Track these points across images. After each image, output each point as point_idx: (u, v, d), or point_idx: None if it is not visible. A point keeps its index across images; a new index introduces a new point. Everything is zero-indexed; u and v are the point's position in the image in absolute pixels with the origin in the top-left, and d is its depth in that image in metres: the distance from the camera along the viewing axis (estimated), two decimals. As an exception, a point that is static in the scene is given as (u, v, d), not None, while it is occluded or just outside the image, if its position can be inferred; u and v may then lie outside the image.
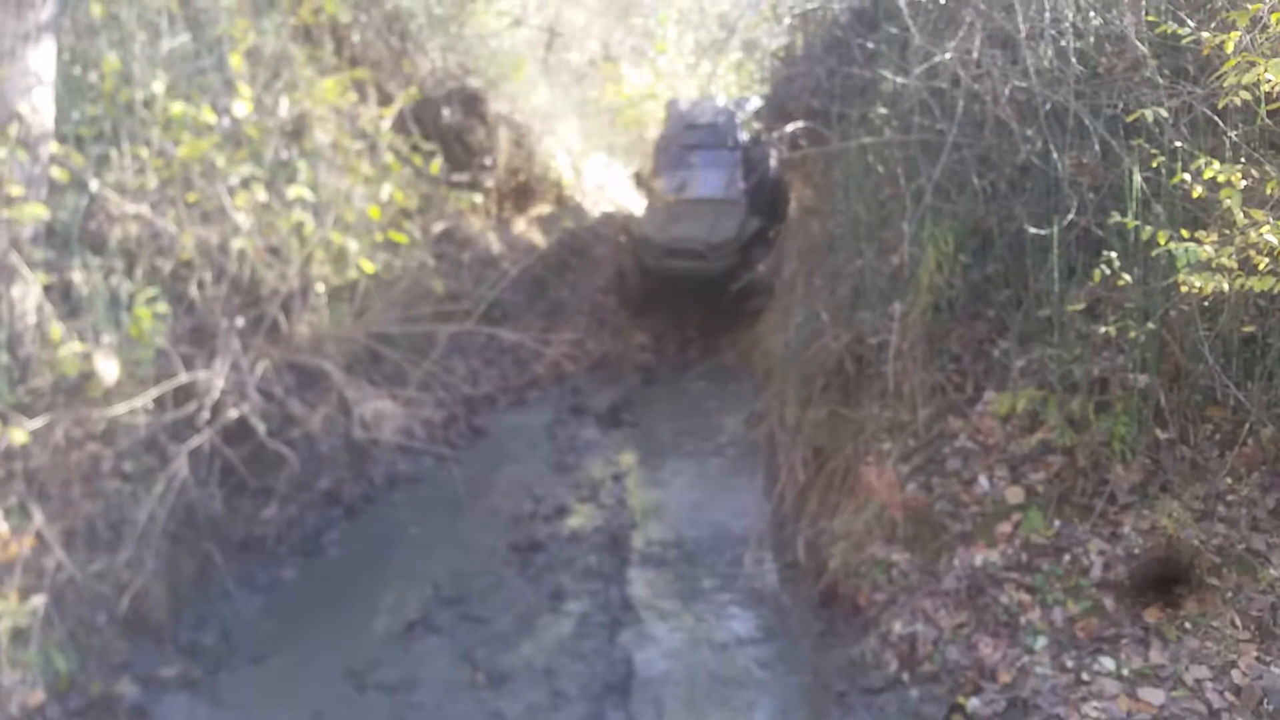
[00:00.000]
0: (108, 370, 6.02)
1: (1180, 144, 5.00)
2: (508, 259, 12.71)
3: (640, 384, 12.13)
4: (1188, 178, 4.54)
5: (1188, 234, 4.46)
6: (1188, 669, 4.30)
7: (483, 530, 7.86)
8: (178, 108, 6.80)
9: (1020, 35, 6.25)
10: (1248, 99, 4.42)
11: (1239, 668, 4.22)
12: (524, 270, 12.07)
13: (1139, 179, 5.16)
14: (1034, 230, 5.84)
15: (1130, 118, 4.98)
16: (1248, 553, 4.62)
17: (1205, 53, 4.63)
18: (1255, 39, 4.42)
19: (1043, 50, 6.18)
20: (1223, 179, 4.38)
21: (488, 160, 13.93)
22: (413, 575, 7.12)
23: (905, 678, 5.08)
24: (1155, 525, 4.86)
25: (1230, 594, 4.52)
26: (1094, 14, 6.13)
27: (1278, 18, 4.34)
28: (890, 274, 6.95)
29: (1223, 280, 4.28)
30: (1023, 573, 5.11)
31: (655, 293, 13.51)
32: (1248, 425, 4.91)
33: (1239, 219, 4.26)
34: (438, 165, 8.89)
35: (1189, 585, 4.67)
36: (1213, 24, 4.84)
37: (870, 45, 7.92)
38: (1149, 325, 4.97)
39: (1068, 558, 5.04)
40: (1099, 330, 5.21)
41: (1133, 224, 4.72)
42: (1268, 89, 4.38)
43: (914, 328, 6.49)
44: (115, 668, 5.62)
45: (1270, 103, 4.61)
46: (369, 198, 8.17)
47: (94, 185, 6.52)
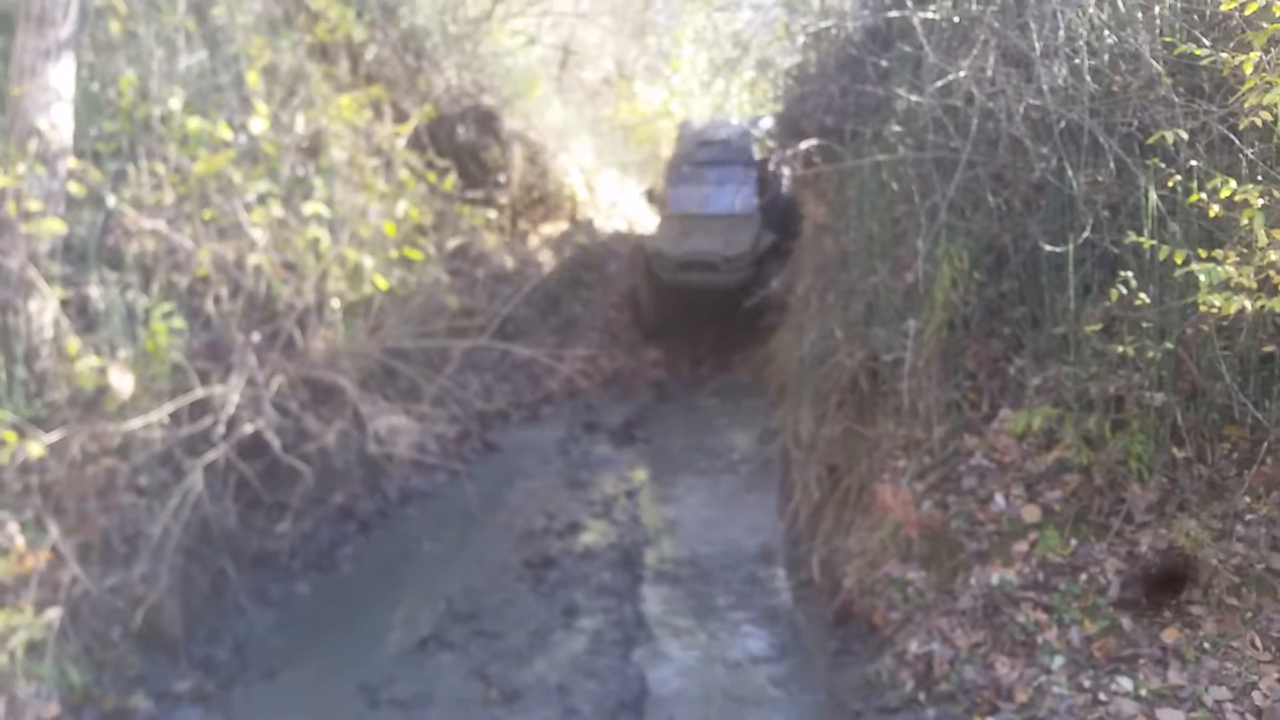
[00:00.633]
0: (123, 384, 6.05)
1: (1196, 163, 4.99)
2: (521, 275, 12.75)
3: (653, 400, 12.13)
4: (1204, 197, 4.53)
5: (1205, 253, 4.45)
6: (1207, 690, 4.25)
7: (496, 546, 7.86)
8: (195, 124, 6.85)
9: (1034, 53, 6.25)
10: (1268, 119, 4.41)
11: (1260, 689, 4.18)
12: (537, 286, 12.11)
13: (1155, 197, 5.15)
14: (1049, 248, 5.83)
15: (1149, 140, 4.97)
16: (1267, 572, 4.58)
17: (1225, 73, 4.62)
18: (1273, 60, 4.42)
19: (1057, 68, 6.18)
20: (1240, 198, 4.37)
21: (502, 177, 13.98)
22: (426, 591, 7.11)
23: (921, 697, 5.04)
24: (1172, 544, 4.82)
25: (1250, 614, 4.48)
26: (1108, 32, 6.14)
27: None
28: (905, 291, 6.94)
29: (1244, 300, 4.26)
30: (1039, 592, 5.07)
31: (669, 312, 13.45)
32: (1266, 444, 4.88)
33: (1261, 238, 4.24)
34: (451, 182, 8.92)
35: (1194, 586, 4.65)
36: (1231, 44, 4.84)
37: (884, 63, 7.94)
38: (1166, 344, 4.94)
39: (1085, 577, 5.01)
40: (1115, 348, 5.19)
41: (1149, 243, 4.71)
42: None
43: (929, 345, 6.48)
44: (129, 681, 5.62)
45: (1288, 122, 4.60)
46: (384, 214, 8.21)
47: (111, 201, 6.57)
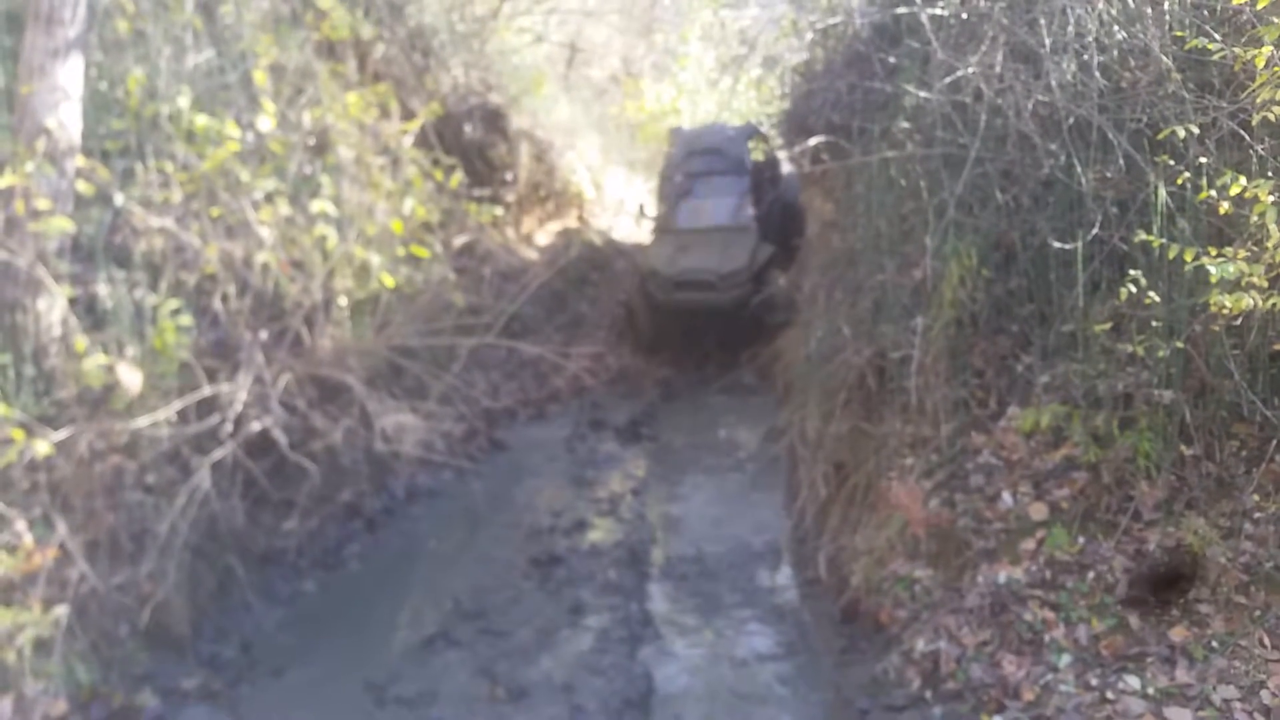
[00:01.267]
0: (131, 380, 6.06)
1: (1206, 159, 4.97)
2: (528, 273, 12.73)
3: (659, 398, 12.09)
4: (1214, 194, 4.51)
5: (1214, 251, 4.43)
6: (1215, 689, 4.24)
7: (502, 544, 7.87)
8: (202, 122, 6.86)
9: (1043, 49, 6.24)
10: (1281, 115, 4.40)
11: (1268, 688, 4.16)
12: (544, 284, 12.08)
13: (1164, 194, 5.12)
14: (1058, 245, 5.81)
15: (1160, 135, 4.95)
16: (1276, 570, 4.56)
17: (1237, 68, 4.60)
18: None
19: (1066, 64, 6.16)
20: (1250, 194, 4.35)
21: (509, 175, 14.00)
22: (433, 589, 7.12)
23: (928, 695, 5.03)
24: (1180, 542, 4.81)
25: (1259, 613, 4.46)
26: (1117, 28, 6.11)
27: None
28: (912, 288, 6.92)
29: (1257, 297, 4.24)
30: (1047, 590, 5.06)
31: (667, 331, 12.98)
32: (1275, 442, 4.85)
33: (1274, 234, 4.22)
34: (458, 179, 8.92)
35: (1202, 584, 4.63)
36: (1243, 39, 4.81)
37: (892, 60, 7.92)
38: (1176, 343, 4.92)
39: (1092, 575, 5.00)
40: (1124, 346, 5.17)
41: (1158, 242, 4.69)
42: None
43: (936, 342, 6.46)
44: (137, 679, 5.63)
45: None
46: (391, 212, 8.22)
47: (119, 199, 6.58)
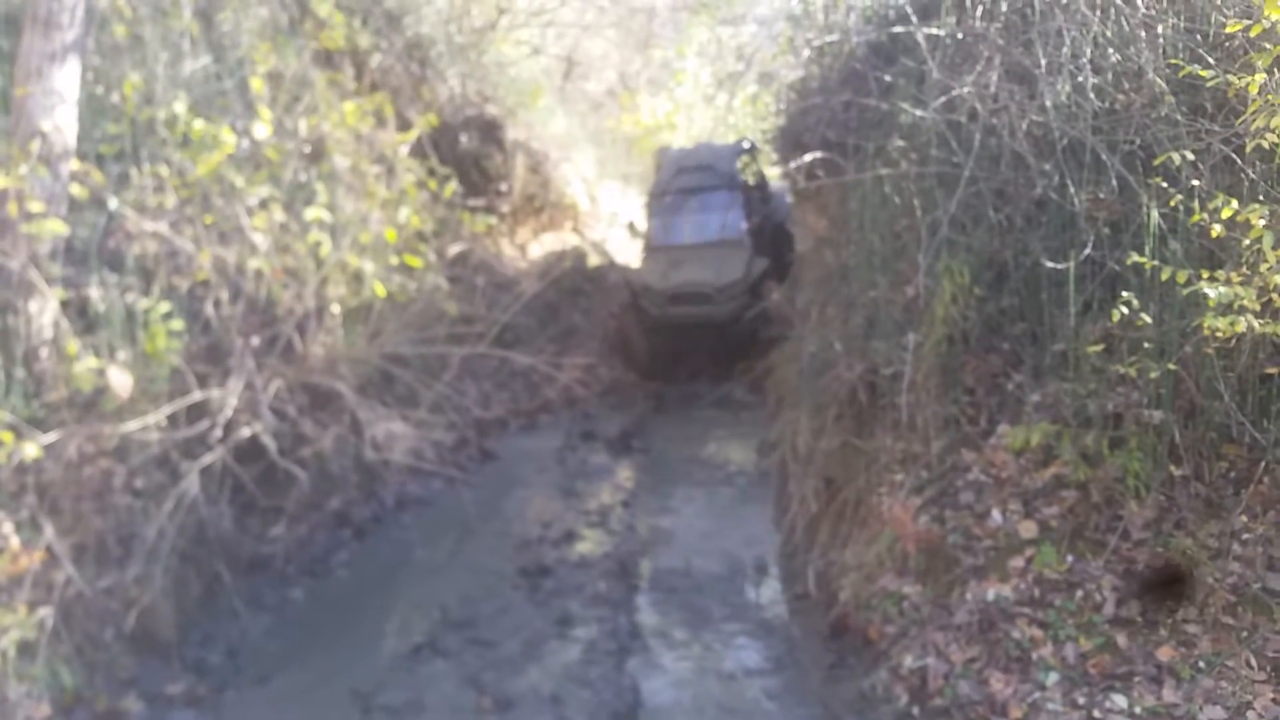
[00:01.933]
0: (121, 384, 6.05)
1: (1198, 183, 5.00)
2: (521, 283, 12.74)
3: (651, 411, 12.11)
4: (1206, 217, 4.54)
5: (1206, 273, 4.45)
6: (1202, 709, 4.24)
7: (491, 554, 7.85)
8: (198, 128, 6.86)
9: (1038, 70, 6.27)
10: (1275, 142, 4.42)
11: (1255, 709, 4.17)
12: (537, 295, 12.10)
13: (1156, 216, 5.15)
14: (1050, 265, 5.84)
15: (1156, 161, 4.98)
16: (1264, 592, 4.57)
17: (1231, 94, 4.64)
18: (1279, 82, 4.43)
19: (1060, 85, 6.19)
20: (1242, 219, 4.38)
21: (504, 186, 14.02)
22: (421, 598, 7.10)
23: (916, 712, 5.02)
24: (1169, 562, 4.81)
25: (1246, 633, 4.47)
26: (1112, 50, 6.15)
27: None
28: (905, 305, 6.94)
29: (1252, 320, 4.26)
30: (1035, 608, 5.06)
31: (663, 349, 12.96)
32: (1263, 463, 4.87)
33: (1270, 258, 4.24)
34: (452, 189, 8.93)
35: (1190, 604, 4.64)
36: (1235, 65, 4.85)
37: (887, 78, 7.95)
38: (1168, 365, 4.93)
39: (1080, 593, 5.00)
40: (1115, 368, 5.19)
41: (1150, 264, 4.71)
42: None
43: (928, 359, 6.48)
44: (121, 684, 5.62)
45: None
46: (385, 221, 8.22)
47: (113, 203, 6.58)
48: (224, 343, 7.10)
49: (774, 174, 14.90)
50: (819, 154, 8.86)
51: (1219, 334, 4.40)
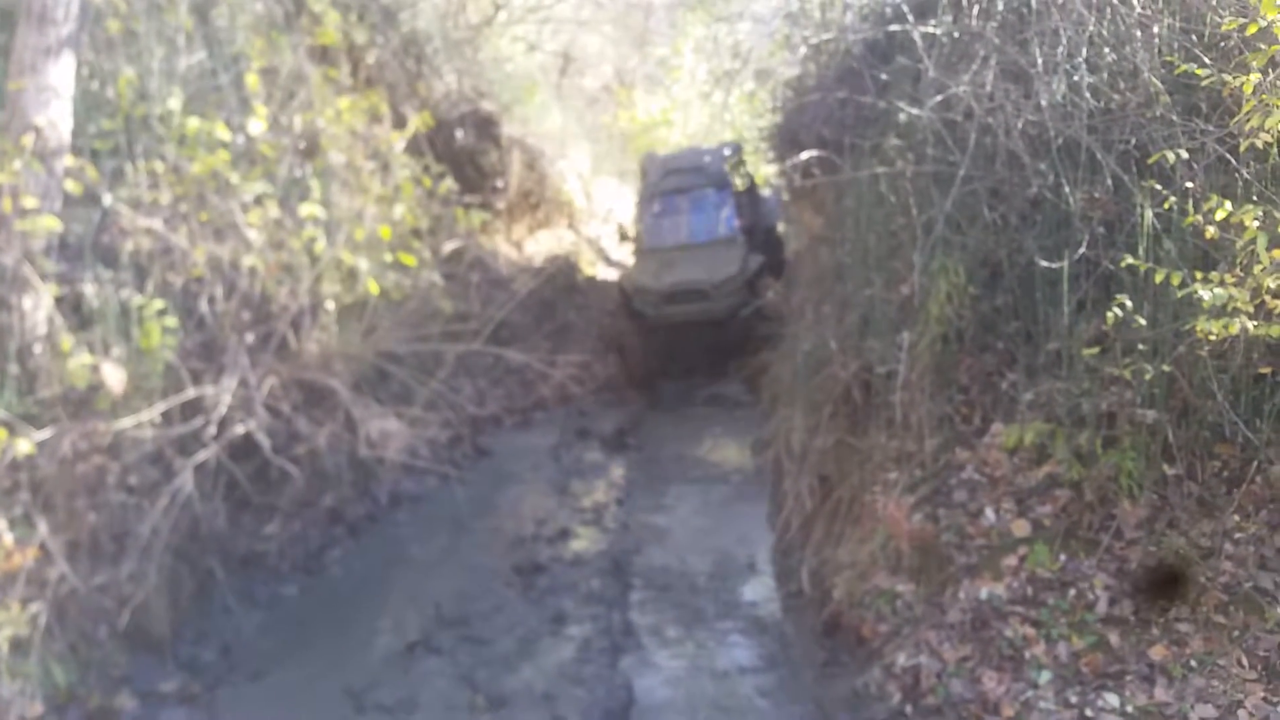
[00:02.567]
0: (114, 377, 6.04)
1: (1192, 184, 5.01)
2: (517, 280, 12.73)
3: (646, 408, 12.10)
4: (1200, 218, 4.54)
5: (1200, 274, 4.46)
6: (1193, 708, 4.25)
7: (485, 551, 7.85)
8: (193, 124, 6.84)
9: (1034, 70, 6.27)
10: (1269, 141, 4.43)
11: (1245, 708, 4.18)
12: (532, 292, 12.08)
13: (1150, 216, 5.16)
14: (1044, 264, 5.84)
15: (1151, 160, 4.98)
16: (1255, 591, 4.58)
17: (1226, 94, 4.64)
18: (1273, 81, 4.43)
19: (1056, 84, 6.19)
20: (1236, 220, 4.38)
21: (499, 182, 14.00)
22: (414, 595, 7.10)
23: (908, 710, 5.03)
24: (1162, 561, 4.83)
25: (1237, 633, 4.48)
26: (1108, 50, 6.15)
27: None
28: (899, 304, 6.94)
29: (1245, 321, 4.27)
30: (1028, 606, 5.07)
31: (658, 352, 12.78)
32: (1256, 463, 4.88)
33: (1265, 259, 4.25)
34: (447, 186, 8.91)
35: (1182, 603, 4.66)
36: (1230, 65, 4.85)
37: (883, 77, 7.96)
38: (1162, 365, 4.94)
39: (1073, 592, 5.01)
40: (1109, 369, 5.19)
41: (1144, 266, 4.72)
42: (1282, 131, 4.40)
43: (922, 358, 6.48)
44: (115, 681, 5.61)
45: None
46: (381, 218, 8.20)
47: (108, 199, 6.56)
48: (218, 339, 7.09)
49: (769, 172, 14.91)
50: (815, 152, 8.86)
51: (1212, 336, 4.41)
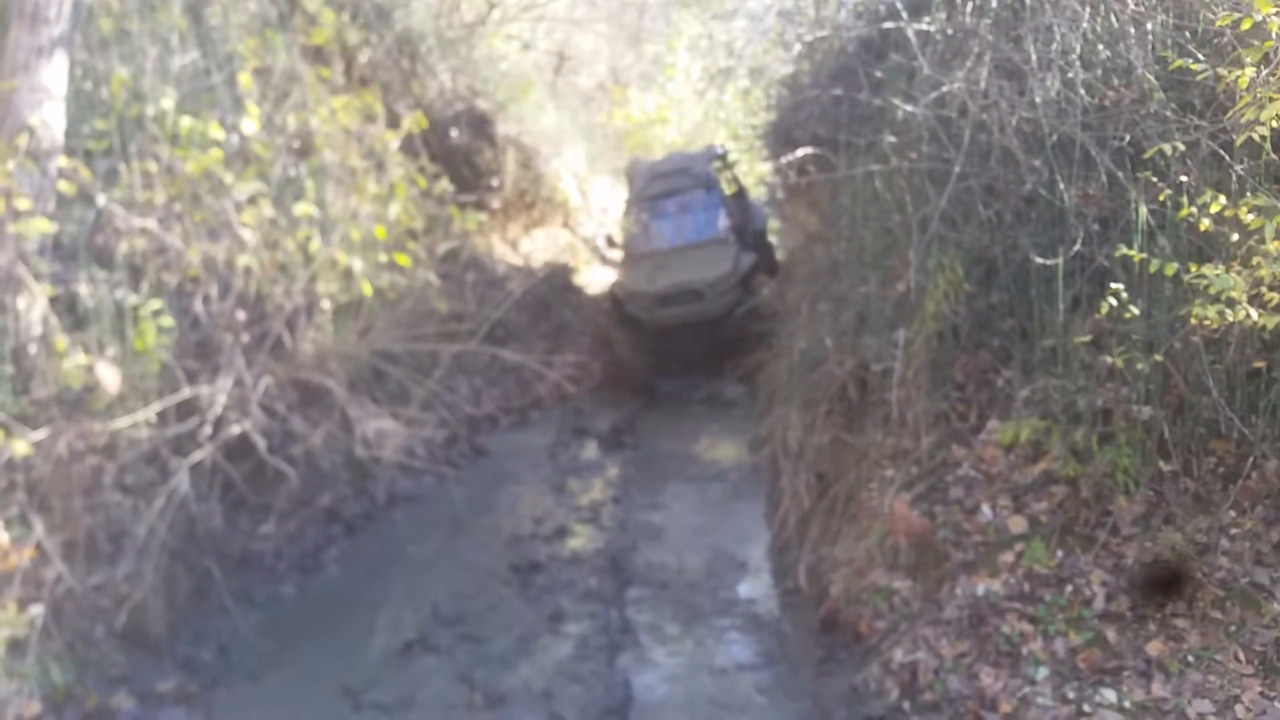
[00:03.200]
0: (109, 377, 6.03)
1: (1186, 178, 5.02)
2: (513, 279, 12.71)
3: (642, 407, 12.09)
4: (1195, 211, 4.56)
5: (1195, 267, 4.47)
6: (1190, 703, 4.26)
7: (482, 550, 7.85)
8: (187, 124, 6.83)
9: (1028, 66, 6.28)
10: (1265, 134, 4.44)
11: (1243, 703, 4.19)
12: (528, 291, 12.06)
13: (1145, 212, 5.17)
14: (1039, 260, 5.85)
15: (1147, 155, 4.99)
16: (1251, 586, 4.60)
17: (1221, 89, 4.65)
18: (1268, 76, 4.44)
19: (1050, 81, 6.20)
20: (1231, 214, 4.40)
21: (494, 181, 13.97)
22: (412, 594, 7.09)
23: (906, 706, 5.04)
24: (1158, 557, 4.84)
25: (1234, 628, 4.50)
26: (1102, 47, 6.17)
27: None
28: (895, 301, 6.95)
29: (1244, 310, 4.27)
30: (1025, 603, 5.08)
31: (652, 356, 12.58)
32: (1252, 459, 4.90)
33: (1272, 248, 4.25)
34: (442, 186, 8.89)
35: (1179, 599, 4.67)
36: (1226, 60, 4.86)
37: (878, 74, 7.96)
38: (1155, 357, 4.95)
39: (1070, 588, 5.02)
40: (1103, 361, 5.21)
41: (1139, 256, 4.73)
42: (1277, 125, 4.41)
43: (918, 355, 6.49)
44: (112, 681, 5.60)
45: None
46: (375, 217, 8.19)
47: (102, 199, 6.54)
48: (213, 339, 7.07)
49: (762, 171, 14.91)
50: (810, 149, 8.86)
51: (1208, 323, 4.41)
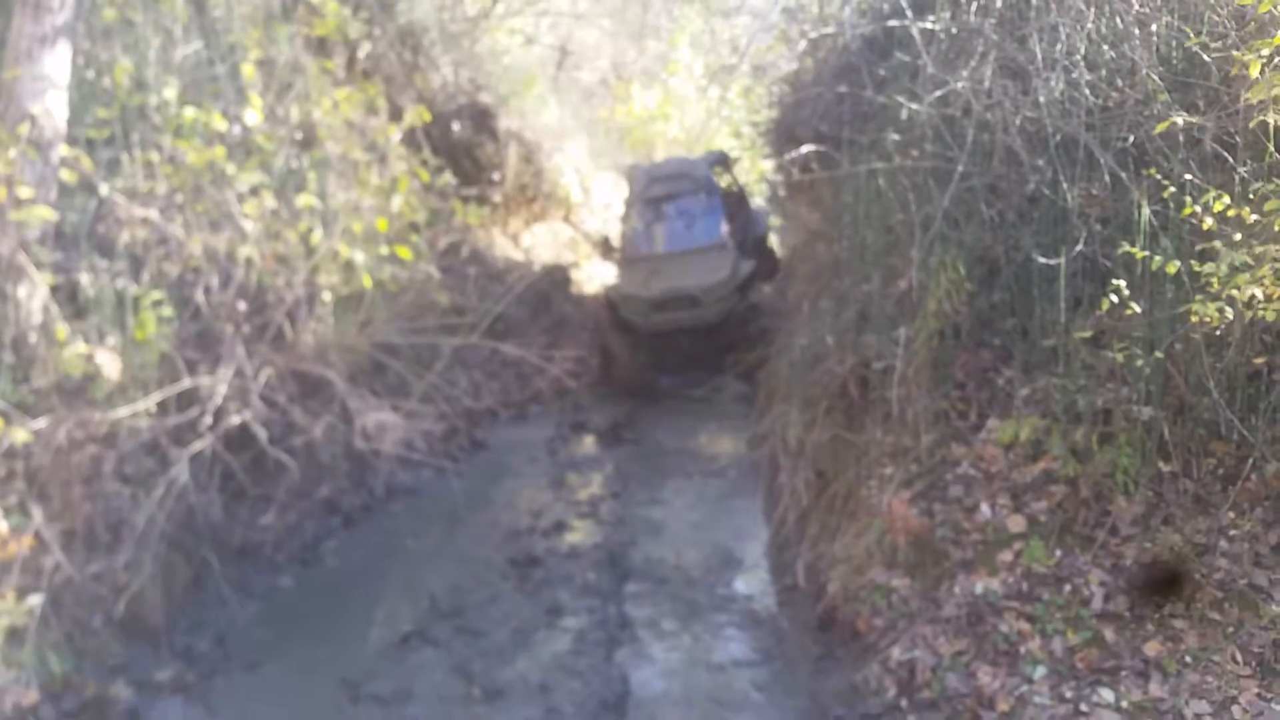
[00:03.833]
0: (109, 364, 6.03)
1: (1189, 176, 5.02)
2: (513, 274, 12.70)
3: (642, 403, 12.09)
4: (1198, 210, 4.56)
5: (1197, 265, 4.48)
6: (1188, 703, 4.27)
7: (481, 544, 7.86)
8: (189, 114, 6.82)
9: (1032, 66, 6.28)
10: (1274, 121, 4.44)
11: (1240, 704, 4.19)
12: (529, 285, 12.05)
13: (1147, 212, 5.17)
14: (1041, 260, 5.85)
15: (1158, 129, 4.99)
16: (1250, 588, 4.60)
17: (1234, 74, 4.65)
18: (1277, 65, 4.45)
19: (1054, 81, 6.20)
20: (1233, 213, 4.40)
21: (496, 175, 13.97)
22: (410, 587, 7.10)
23: (903, 704, 5.04)
24: (1157, 558, 4.84)
25: (1232, 629, 4.50)
26: (1106, 47, 6.16)
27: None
28: (897, 299, 6.95)
29: (1256, 291, 4.27)
30: (1023, 602, 5.08)
31: (647, 361, 12.40)
32: (1251, 460, 4.90)
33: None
34: (445, 179, 8.89)
35: (1178, 599, 4.68)
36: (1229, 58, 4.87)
37: (882, 72, 7.95)
38: (1156, 355, 4.95)
39: (1068, 588, 5.02)
40: (1105, 359, 5.21)
41: (1142, 254, 4.73)
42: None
43: (919, 354, 6.49)
44: (110, 670, 5.61)
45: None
46: (377, 210, 8.18)
47: (104, 189, 6.55)
48: (214, 330, 7.08)
49: (764, 169, 14.90)
50: (813, 147, 8.86)
51: (1209, 320, 4.41)
